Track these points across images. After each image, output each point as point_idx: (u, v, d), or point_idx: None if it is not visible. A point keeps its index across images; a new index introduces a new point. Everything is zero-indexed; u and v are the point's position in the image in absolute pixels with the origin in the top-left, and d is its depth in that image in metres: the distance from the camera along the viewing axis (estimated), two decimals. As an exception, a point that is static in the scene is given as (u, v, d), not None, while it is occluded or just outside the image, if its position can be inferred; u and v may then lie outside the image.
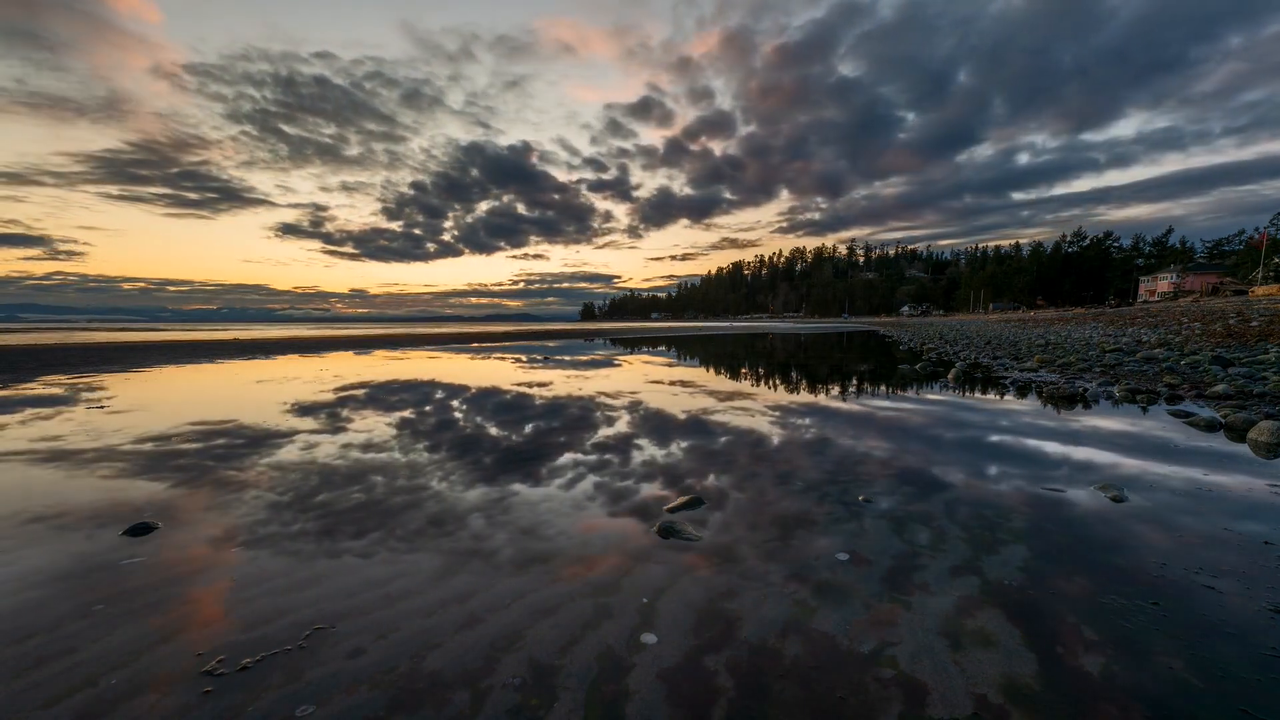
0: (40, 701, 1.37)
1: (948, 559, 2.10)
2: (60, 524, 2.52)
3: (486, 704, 1.35)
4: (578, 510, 2.68)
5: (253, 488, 3.04)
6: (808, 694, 1.37)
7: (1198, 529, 2.35)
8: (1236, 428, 4.13)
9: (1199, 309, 19.98)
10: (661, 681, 1.42)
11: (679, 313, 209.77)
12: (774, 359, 12.33)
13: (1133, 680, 1.41)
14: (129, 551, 2.22)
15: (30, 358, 12.19)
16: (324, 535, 2.38)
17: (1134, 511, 2.56)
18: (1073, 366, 8.29)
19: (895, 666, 1.47)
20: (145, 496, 2.89)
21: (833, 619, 1.70)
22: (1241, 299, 27.17)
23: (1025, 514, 2.54)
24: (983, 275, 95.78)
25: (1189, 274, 56.97)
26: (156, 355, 13.37)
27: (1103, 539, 2.26)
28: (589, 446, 3.98)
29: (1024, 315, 44.75)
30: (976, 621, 1.67)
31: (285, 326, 62.56)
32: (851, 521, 2.48)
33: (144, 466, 3.48)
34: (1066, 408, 5.22)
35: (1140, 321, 17.03)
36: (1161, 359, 8.02)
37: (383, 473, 3.32)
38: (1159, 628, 1.63)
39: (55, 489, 3.04)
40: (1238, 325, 11.72)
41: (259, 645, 1.59)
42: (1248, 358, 7.28)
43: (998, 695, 1.36)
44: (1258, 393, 5.26)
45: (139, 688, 1.41)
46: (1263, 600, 1.77)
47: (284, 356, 13.43)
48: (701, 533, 2.37)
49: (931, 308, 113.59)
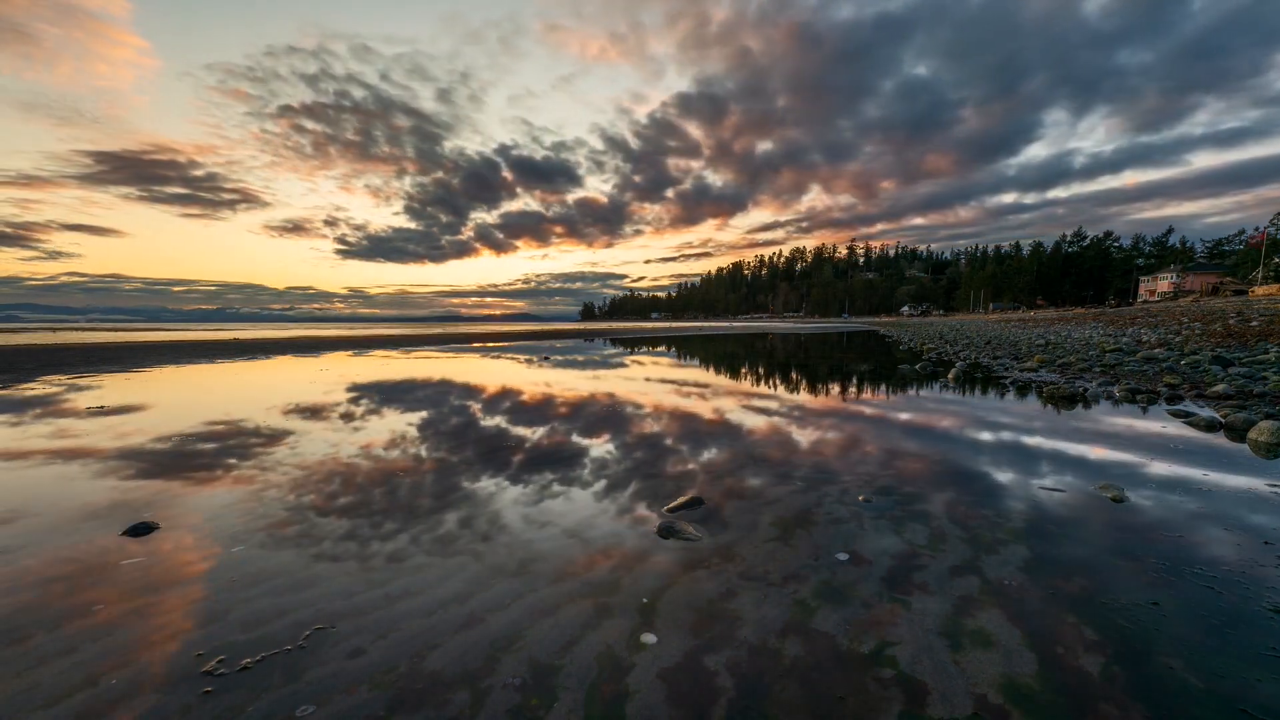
0: (40, 701, 1.37)
1: (947, 559, 2.10)
2: (61, 524, 2.52)
3: (487, 704, 1.35)
4: (576, 510, 2.68)
5: (253, 488, 3.04)
6: (808, 694, 1.37)
7: (1198, 529, 2.35)
8: (1236, 428, 4.13)
9: (1199, 309, 19.99)
10: (661, 681, 1.42)
11: (679, 313, 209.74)
12: (773, 359, 12.33)
13: (1133, 680, 1.41)
14: (129, 551, 2.22)
15: (29, 358, 12.18)
16: (323, 536, 2.38)
17: (1134, 511, 2.56)
18: (1073, 366, 8.29)
19: (895, 666, 1.47)
20: (145, 497, 2.89)
21: (833, 619, 1.70)
22: (1241, 299, 27.17)
23: (1025, 514, 2.54)
24: (983, 275, 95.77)
25: (1189, 274, 56.95)
26: (156, 355, 13.37)
27: (1103, 539, 2.26)
28: (587, 446, 3.98)
29: (1024, 315, 44.77)
30: (976, 621, 1.67)
31: (283, 327, 62.57)
32: (851, 521, 2.48)
33: (144, 467, 3.47)
34: (1067, 407, 5.22)
35: (1140, 321, 17.03)
36: (1161, 359, 8.02)
37: (381, 473, 3.32)
38: (1159, 628, 1.63)
39: (56, 490, 3.04)
40: (1238, 325, 11.72)
41: (259, 645, 1.59)
42: (1248, 358, 7.28)
43: (997, 695, 1.36)
44: (1258, 393, 5.26)
45: (139, 688, 1.41)
46: (1263, 600, 1.77)
47: (281, 357, 13.44)
48: (701, 532, 2.37)
49: (931, 308, 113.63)
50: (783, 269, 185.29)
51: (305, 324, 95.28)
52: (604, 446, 3.98)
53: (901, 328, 34.84)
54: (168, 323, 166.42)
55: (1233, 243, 69.38)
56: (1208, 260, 70.08)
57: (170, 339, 22.42)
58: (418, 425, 4.79)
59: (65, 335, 28.23)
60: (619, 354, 14.39)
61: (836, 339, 22.24)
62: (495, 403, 6.07)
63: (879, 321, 65.80)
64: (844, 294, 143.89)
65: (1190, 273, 57.61)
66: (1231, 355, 7.66)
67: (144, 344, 17.95)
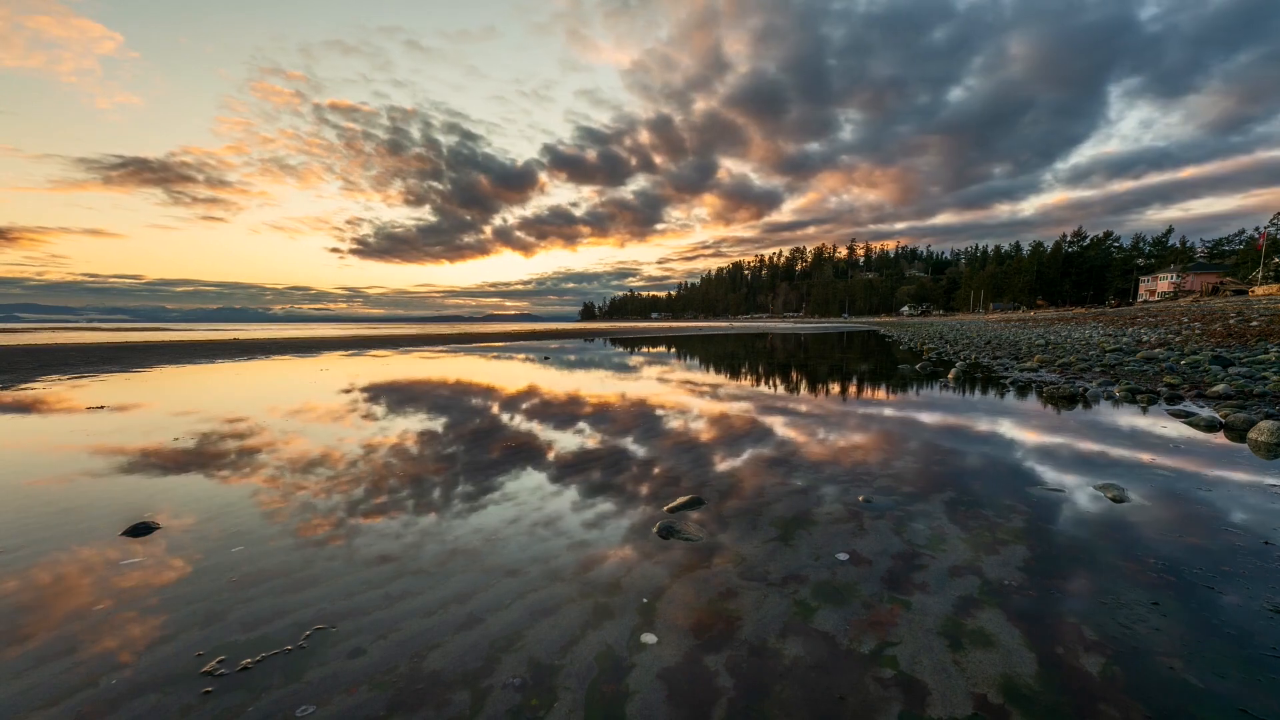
0: (40, 701, 1.37)
1: (947, 559, 2.10)
2: (61, 524, 2.52)
3: (487, 704, 1.35)
4: (576, 510, 2.68)
5: (252, 489, 3.04)
6: (808, 694, 1.37)
7: (1197, 529, 2.35)
8: (1236, 427, 4.13)
9: (1199, 309, 19.98)
10: (662, 681, 1.42)
11: (679, 313, 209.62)
12: (773, 359, 12.33)
13: (1133, 680, 1.41)
14: (129, 551, 2.22)
15: (29, 358, 12.18)
16: (323, 536, 2.38)
17: (1134, 511, 2.55)
18: (1073, 366, 8.29)
19: (895, 666, 1.47)
20: (145, 497, 2.89)
21: (833, 619, 1.70)
22: (1241, 299, 27.15)
23: (1025, 514, 2.54)
24: (983, 275, 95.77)
25: (1189, 274, 56.91)
26: (157, 355, 13.37)
27: (1102, 539, 2.26)
28: (587, 447, 3.98)
29: (1024, 315, 44.76)
30: (976, 622, 1.67)
31: (284, 327, 62.52)
32: (851, 521, 2.48)
33: (144, 467, 3.47)
34: (1066, 408, 5.22)
35: (1140, 321, 17.03)
36: (1161, 359, 8.02)
37: (381, 473, 3.32)
38: (1159, 628, 1.63)
39: (56, 490, 3.04)
40: (1238, 325, 11.72)
41: (259, 645, 1.59)
42: (1248, 358, 7.28)
43: (997, 695, 1.36)
44: (1258, 393, 5.26)
45: (139, 688, 1.41)
46: (1263, 600, 1.77)
47: (281, 357, 13.44)
48: (701, 532, 2.37)
49: (932, 308, 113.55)
50: (783, 269, 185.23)
51: (305, 324, 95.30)
52: (604, 446, 3.97)
53: (901, 328, 34.83)
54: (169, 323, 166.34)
55: (1233, 243, 69.37)
56: (1208, 260, 70.03)
57: (170, 339, 22.42)
58: (415, 426, 4.79)
59: (65, 335, 28.22)
60: (618, 354, 14.39)
61: (836, 339, 22.24)
62: (493, 403, 6.07)
63: (879, 321, 65.81)
64: (844, 294, 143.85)
65: (1190, 273, 57.58)
66: (1231, 355, 7.66)
67: (144, 344, 17.95)
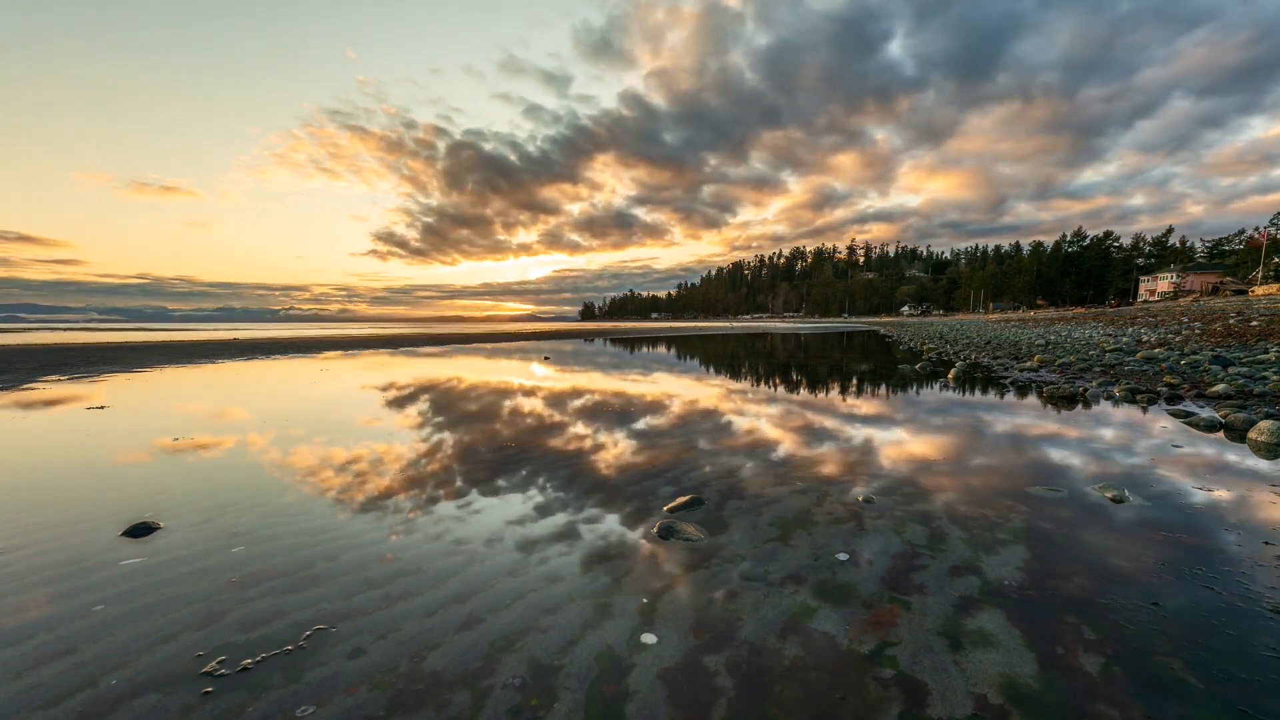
0: (40, 701, 1.37)
1: (947, 559, 2.10)
2: (61, 524, 2.52)
3: (487, 704, 1.35)
4: (576, 510, 2.68)
5: (252, 489, 3.04)
6: (808, 694, 1.38)
7: (1197, 529, 2.35)
8: (1236, 427, 4.13)
9: (1199, 309, 19.98)
10: (662, 681, 1.42)
11: (679, 313, 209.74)
12: (773, 359, 12.33)
13: (1132, 680, 1.41)
14: (129, 551, 2.22)
15: (29, 358, 12.18)
16: (323, 535, 2.38)
17: (1134, 511, 2.55)
18: (1073, 366, 8.29)
19: (895, 666, 1.47)
20: (145, 497, 2.89)
21: (833, 619, 1.70)
22: (1241, 299, 27.16)
23: (1025, 514, 2.54)
24: (983, 275, 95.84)
25: (1189, 274, 56.92)
26: (157, 355, 13.37)
27: (1103, 539, 2.26)
28: (587, 447, 3.98)
29: (1024, 315, 44.77)
30: (976, 622, 1.67)
31: (282, 326, 62.53)
32: (851, 521, 2.48)
33: (144, 467, 3.48)
34: (1066, 407, 5.22)
35: (1140, 321, 17.03)
36: (1161, 359, 8.02)
37: (380, 473, 3.32)
38: (1159, 628, 1.63)
39: (56, 490, 3.04)
40: (1238, 325, 11.72)
41: (259, 645, 1.59)
42: (1248, 357, 7.28)
43: (997, 695, 1.36)
44: (1258, 392, 5.26)
45: (139, 688, 1.41)
46: (1262, 600, 1.77)
47: (282, 357, 13.44)
48: (701, 533, 2.37)
49: (932, 308, 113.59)
50: (783, 269, 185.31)
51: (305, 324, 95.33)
52: (604, 447, 3.98)
53: (901, 328, 34.83)
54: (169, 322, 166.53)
55: (1233, 242, 69.38)
56: (1208, 260, 70.06)
57: (170, 339, 22.42)
58: (415, 425, 4.79)
59: (65, 335, 28.23)
60: (618, 354, 14.39)
61: (836, 339, 22.24)
62: (492, 403, 6.07)
63: (879, 321, 65.82)
64: (844, 294, 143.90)
65: (1190, 273, 57.59)
66: (1231, 355, 7.66)
67: (144, 344, 17.95)
